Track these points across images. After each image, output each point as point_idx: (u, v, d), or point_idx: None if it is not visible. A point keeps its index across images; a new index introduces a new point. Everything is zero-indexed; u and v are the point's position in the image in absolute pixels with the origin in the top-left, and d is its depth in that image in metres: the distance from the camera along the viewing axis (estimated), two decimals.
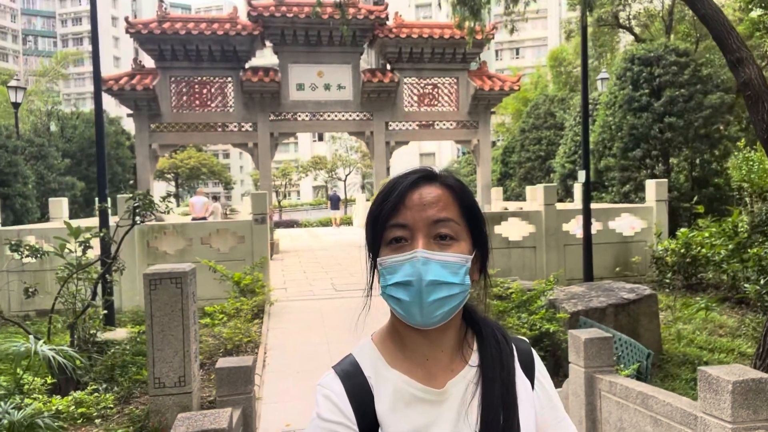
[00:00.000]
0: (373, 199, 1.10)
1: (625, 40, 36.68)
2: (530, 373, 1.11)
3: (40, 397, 5.00)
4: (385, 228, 1.03)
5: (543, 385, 1.12)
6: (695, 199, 11.97)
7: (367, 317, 1.15)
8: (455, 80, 17.58)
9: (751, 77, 5.58)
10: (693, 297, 9.13)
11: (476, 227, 1.06)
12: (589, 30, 33.39)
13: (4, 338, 8.14)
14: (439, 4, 10.88)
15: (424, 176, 1.06)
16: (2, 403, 3.85)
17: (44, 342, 5.01)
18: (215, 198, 24.38)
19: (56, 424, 4.12)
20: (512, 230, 11.01)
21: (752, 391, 3.30)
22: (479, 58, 19.45)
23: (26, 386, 5.15)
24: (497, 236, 10.89)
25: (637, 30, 30.06)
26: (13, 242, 6.64)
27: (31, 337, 4.36)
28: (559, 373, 6.64)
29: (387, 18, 16.86)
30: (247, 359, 4.61)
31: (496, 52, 73.15)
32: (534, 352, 1.15)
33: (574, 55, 36.70)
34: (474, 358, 1.07)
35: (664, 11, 27.90)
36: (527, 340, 1.16)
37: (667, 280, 10.12)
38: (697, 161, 12.96)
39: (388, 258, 1.01)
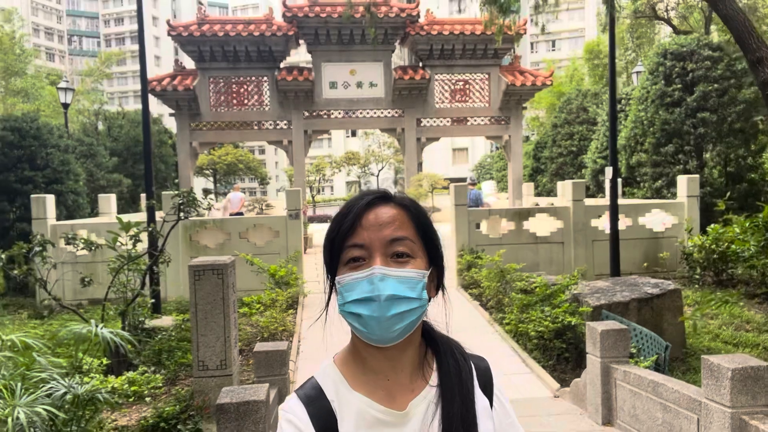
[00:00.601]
0: (331, 220, 1.14)
1: (664, 31, 35.90)
2: (489, 391, 1.13)
3: (97, 376, 5.52)
4: (343, 248, 1.05)
5: (501, 402, 1.14)
6: (728, 194, 11.87)
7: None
8: (486, 76, 17.67)
9: None
10: (722, 293, 9.14)
11: (431, 245, 1.09)
12: (626, 22, 32.82)
13: (61, 324, 8.80)
14: (481, 7, 11.01)
15: (380, 197, 1.09)
16: (66, 380, 4.32)
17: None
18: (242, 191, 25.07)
19: (113, 399, 4.59)
20: (540, 226, 11.16)
21: (751, 378, 3.50)
22: (514, 52, 19.45)
23: (85, 366, 5.68)
24: (525, 231, 11.07)
25: (675, 22, 29.43)
26: (69, 235, 7.21)
27: (92, 321, 4.84)
28: (582, 364, 6.83)
29: (418, 16, 17.06)
30: (282, 344, 5.00)
31: (532, 44, 72.10)
32: (491, 369, 1.17)
33: None
34: (434, 378, 1.09)
35: (702, 3, 27.22)
36: (486, 359, 1.19)
37: (697, 276, 10.13)
38: (732, 156, 12.81)
39: (346, 276, 1.03)
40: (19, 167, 11.95)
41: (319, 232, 21.08)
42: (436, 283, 1.11)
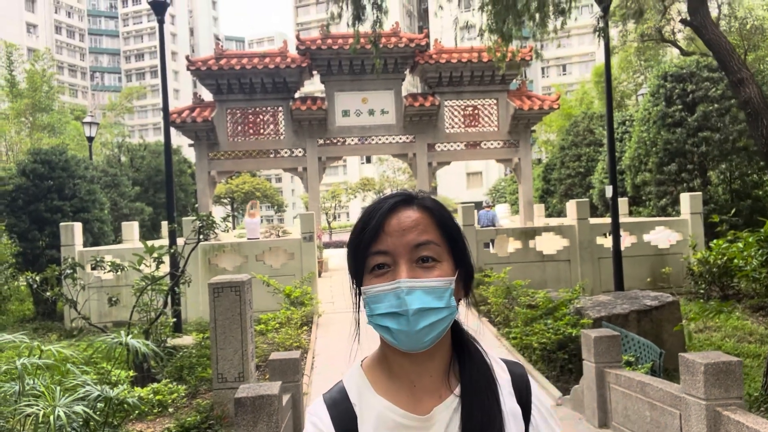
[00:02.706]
0: (353, 226, 1.12)
1: (672, 53, 36.28)
2: (525, 399, 1.09)
3: (125, 386, 5.93)
4: (367, 255, 1.04)
5: (541, 412, 1.11)
6: (734, 211, 12.08)
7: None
8: (495, 101, 18.15)
9: (751, 96, 6.04)
10: (717, 303, 9.32)
11: (457, 246, 1.07)
12: (634, 45, 33.28)
13: (89, 345, 9.27)
14: (480, 34, 11.51)
15: (402, 200, 1.07)
16: (99, 386, 4.74)
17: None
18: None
19: (140, 405, 5.00)
20: (547, 244, 11.47)
21: (723, 372, 3.80)
22: (526, 75, 19.95)
23: (113, 378, 6.11)
24: (532, 250, 11.37)
25: (682, 44, 29.82)
26: (97, 258, 7.72)
27: (122, 331, 5.28)
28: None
29: (427, 45, 17.67)
30: (294, 353, 5.39)
31: (543, 69, 72.87)
32: (527, 375, 1.13)
33: (618, 70, 36.50)
34: (459, 387, 1.07)
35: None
36: (522, 365, 1.15)
37: (701, 291, 10.32)
38: (736, 174, 13.05)
39: (372, 288, 1.02)
40: (49, 197, 12.64)
41: (334, 257, 21.52)
42: (463, 284, 1.09)
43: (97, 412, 4.59)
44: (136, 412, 6.10)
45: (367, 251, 1.03)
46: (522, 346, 7.93)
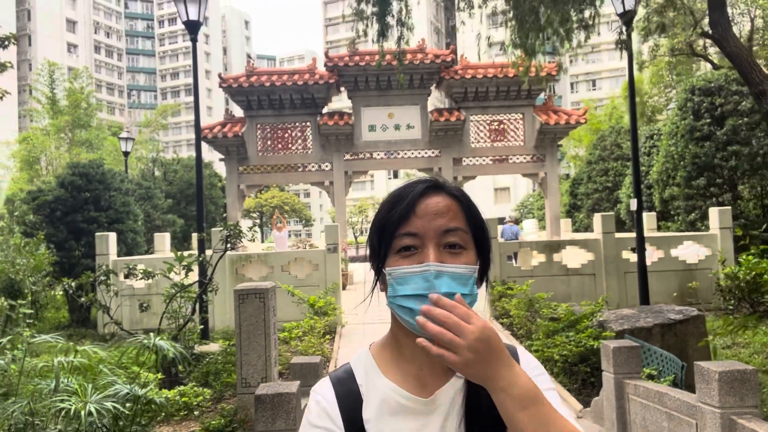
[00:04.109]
0: (379, 206, 1.13)
1: (705, 67, 35.74)
2: None
3: (153, 388, 6.15)
4: (394, 236, 1.04)
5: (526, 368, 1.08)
6: (765, 226, 11.84)
7: None
8: (521, 116, 18.18)
9: None
10: (742, 318, 9.13)
11: (481, 236, 1.09)
12: (665, 59, 32.90)
13: (116, 349, 9.58)
14: (504, 49, 11.63)
15: (432, 186, 1.08)
16: (129, 385, 4.96)
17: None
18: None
19: (168, 404, 5.19)
20: (571, 258, 11.41)
21: (738, 380, 3.80)
22: (554, 90, 19.94)
23: (142, 380, 6.33)
24: (556, 264, 11.33)
25: (714, 57, 29.41)
26: (130, 266, 8.04)
27: (151, 333, 5.51)
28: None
29: (453, 61, 17.87)
30: (315, 358, 5.53)
31: (572, 84, 72.46)
32: (521, 349, 1.17)
33: (649, 85, 36.13)
34: None
35: (743, 37, 27.16)
36: (514, 346, 1.16)
37: (730, 307, 10.13)
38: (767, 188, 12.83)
39: (399, 268, 1.02)
40: (86, 208, 13.17)
41: (359, 271, 21.70)
42: (479, 275, 1.09)
43: (126, 411, 4.80)
44: (163, 414, 6.34)
45: (396, 232, 1.04)
46: (543, 358, 7.91)
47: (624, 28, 9.55)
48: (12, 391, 5.71)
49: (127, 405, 4.88)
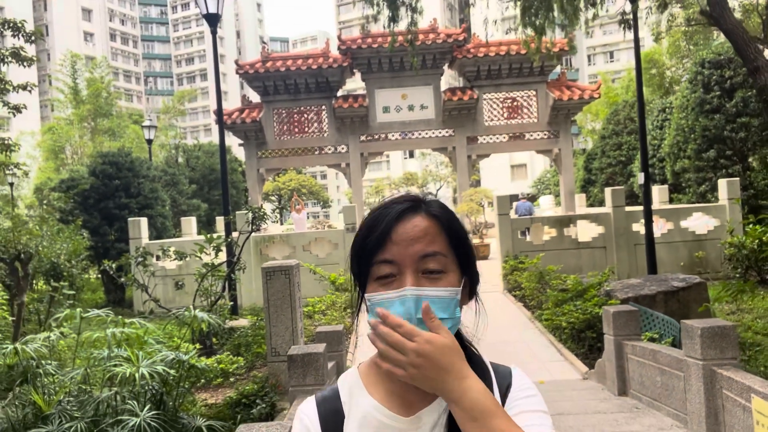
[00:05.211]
0: (357, 230, 1.10)
1: (722, 37, 35.21)
2: (503, 394, 1.06)
3: (194, 355, 6.76)
4: (372, 264, 1.02)
5: (519, 405, 1.04)
6: None
7: None
8: (534, 92, 18.32)
9: (766, 83, 6.32)
10: (738, 283, 9.46)
11: (464, 254, 1.06)
12: (681, 29, 32.50)
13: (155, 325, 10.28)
14: (515, 28, 11.86)
15: (409, 207, 1.05)
16: (173, 352, 5.54)
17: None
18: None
19: (208, 370, 5.79)
20: (582, 232, 11.78)
21: (718, 335, 4.23)
22: (571, 63, 19.98)
23: (182, 350, 6.95)
24: (567, 238, 11.71)
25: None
26: (164, 248, 8.63)
27: (190, 306, 6.08)
28: None
29: (465, 40, 18.03)
30: (338, 327, 6.06)
31: (589, 57, 71.35)
32: (517, 371, 1.11)
33: (667, 56, 35.71)
34: None
35: (761, 6, 26.73)
36: (511, 367, 1.12)
37: (737, 275, 10.45)
38: None
39: (377, 295, 1.01)
40: (117, 195, 13.86)
41: None
42: (468, 291, 1.08)
43: (174, 374, 5.39)
44: (203, 380, 6.96)
45: (372, 259, 1.02)
46: (553, 326, 8.37)
47: (630, 3, 9.77)
48: (63, 363, 6.38)
49: (172, 372, 5.48)
